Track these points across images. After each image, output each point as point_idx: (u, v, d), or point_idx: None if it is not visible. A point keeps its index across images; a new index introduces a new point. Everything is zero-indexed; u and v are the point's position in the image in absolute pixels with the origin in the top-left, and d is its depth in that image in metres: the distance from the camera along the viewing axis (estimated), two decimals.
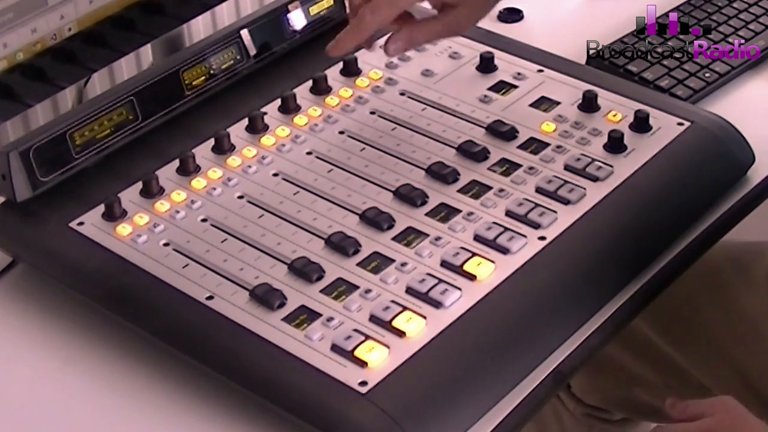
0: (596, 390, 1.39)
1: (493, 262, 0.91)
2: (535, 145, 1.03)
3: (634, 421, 1.46)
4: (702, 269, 1.08)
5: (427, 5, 1.00)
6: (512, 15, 1.31)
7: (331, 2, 1.17)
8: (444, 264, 0.91)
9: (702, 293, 1.25)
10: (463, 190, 0.98)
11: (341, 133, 1.05)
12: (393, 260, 0.91)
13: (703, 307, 1.25)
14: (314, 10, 1.16)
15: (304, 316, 0.87)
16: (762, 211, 1.06)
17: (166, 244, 0.94)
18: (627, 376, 1.33)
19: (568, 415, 1.43)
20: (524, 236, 0.93)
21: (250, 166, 1.01)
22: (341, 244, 0.92)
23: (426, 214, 0.96)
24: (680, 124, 1.05)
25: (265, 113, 1.06)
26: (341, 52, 1.00)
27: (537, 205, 0.96)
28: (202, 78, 1.07)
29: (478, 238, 0.93)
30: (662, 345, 1.28)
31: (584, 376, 1.37)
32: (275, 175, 1.01)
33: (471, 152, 1.01)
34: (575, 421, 1.43)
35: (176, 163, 1.01)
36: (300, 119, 1.06)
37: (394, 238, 0.93)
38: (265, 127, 1.05)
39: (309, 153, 1.03)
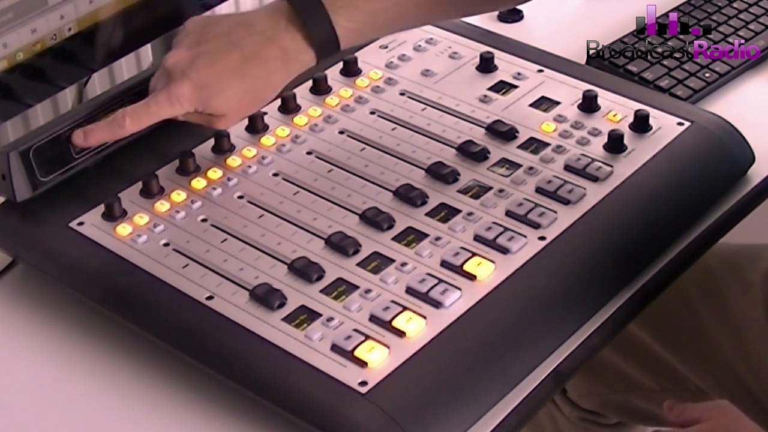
0: (592, 394, 1.39)
1: (493, 262, 0.91)
2: (535, 145, 1.03)
3: (629, 426, 1.46)
4: (697, 272, 1.08)
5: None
6: (512, 15, 1.31)
7: None
8: (444, 264, 0.91)
9: (697, 297, 1.25)
10: (463, 190, 0.98)
11: (341, 133, 1.05)
12: (393, 260, 0.91)
13: (699, 310, 1.25)
14: None
15: (304, 316, 0.87)
16: (757, 214, 1.06)
17: (166, 244, 0.94)
18: (623, 381, 1.33)
19: (564, 419, 1.43)
20: (524, 236, 0.93)
21: (250, 166, 1.01)
22: (341, 244, 0.92)
23: (426, 214, 0.96)
24: (680, 124, 1.05)
25: (265, 113, 1.06)
26: (85, 145, 0.98)
27: (537, 205, 0.96)
28: None
29: (478, 238, 0.93)
30: (658, 349, 1.28)
31: (580, 381, 1.37)
32: (275, 175, 1.01)
33: (471, 152, 1.01)
34: (571, 425, 1.43)
35: (176, 163, 1.01)
36: (300, 119, 1.06)
37: (394, 238, 0.93)
38: (265, 127, 1.05)
39: (309, 153, 1.03)
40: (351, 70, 1.12)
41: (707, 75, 1.18)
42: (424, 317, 0.86)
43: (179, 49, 0.96)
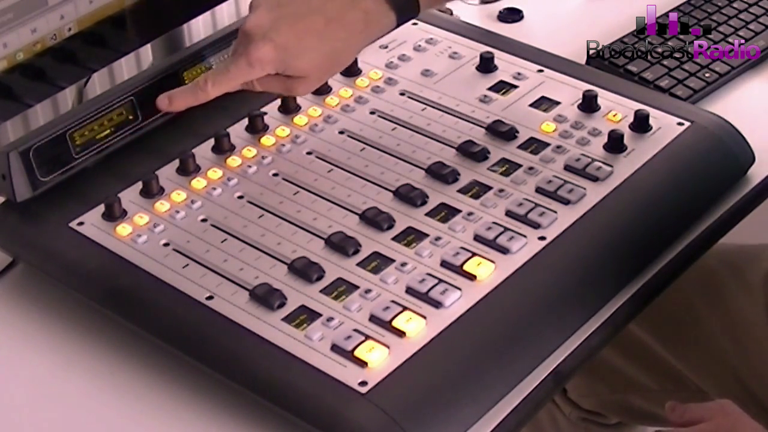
0: (592, 394, 1.39)
1: (493, 262, 0.91)
2: (535, 145, 1.03)
3: (630, 426, 1.46)
4: (698, 273, 1.08)
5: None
6: (512, 15, 1.31)
7: None
8: (444, 264, 0.91)
9: (698, 297, 1.25)
10: (463, 190, 0.98)
11: (341, 133, 1.05)
12: (393, 260, 0.91)
13: (699, 311, 1.25)
14: None
15: (304, 316, 0.87)
16: (757, 214, 1.06)
17: (166, 244, 0.94)
18: (623, 381, 1.33)
19: (564, 419, 1.43)
20: (524, 236, 0.93)
21: (250, 166, 1.01)
22: (341, 244, 0.92)
23: (426, 214, 0.96)
24: (680, 124, 1.05)
25: (265, 113, 1.06)
26: (170, 109, 0.99)
27: (537, 205, 0.96)
28: None
29: (478, 238, 0.93)
30: (658, 349, 1.28)
31: (580, 381, 1.37)
32: (275, 175, 1.01)
33: (471, 152, 1.01)
34: (571, 425, 1.43)
35: (176, 163, 1.01)
36: (300, 119, 1.06)
37: (394, 238, 0.93)
38: (265, 127, 1.05)
39: (309, 153, 1.03)
40: (351, 70, 1.12)
41: (707, 75, 1.18)
42: (424, 317, 0.86)
43: (258, 11, 0.95)
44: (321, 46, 0.95)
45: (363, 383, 0.82)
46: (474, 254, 0.91)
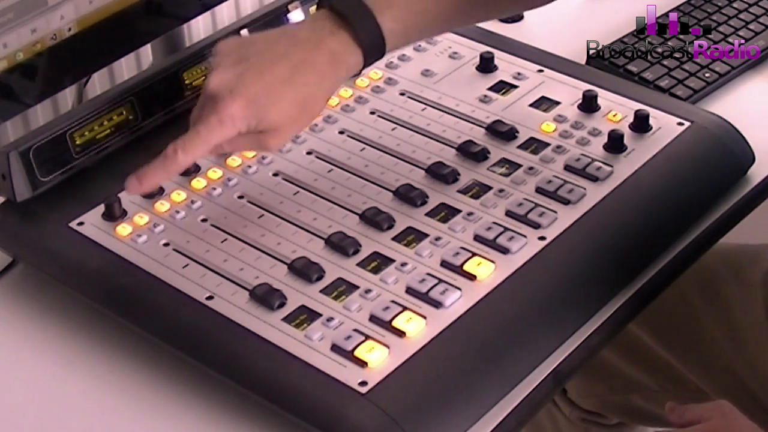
0: (592, 395, 1.39)
1: (493, 262, 0.91)
2: (535, 145, 1.03)
3: (629, 426, 1.46)
4: (697, 273, 1.08)
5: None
6: (512, 15, 1.31)
7: None
8: (444, 264, 0.91)
9: (697, 297, 1.25)
10: (463, 190, 0.98)
11: (341, 133, 1.05)
12: (393, 260, 0.91)
13: (699, 311, 1.25)
14: (314, 9, 1.16)
15: (304, 316, 0.87)
16: (757, 214, 1.06)
17: (166, 244, 0.94)
18: (623, 381, 1.33)
19: (564, 419, 1.43)
20: (524, 236, 0.93)
21: (249, 166, 1.01)
22: (341, 244, 0.92)
23: (426, 214, 0.96)
24: (680, 124, 1.05)
25: None
26: (142, 190, 0.92)
27: (537, 205, 0.96)
28: (202, 78, 1.07)
29: (478, 238, 0.93)
30: (658, 349, 1.28)
31: (580, 381, 1.37)
32: (275, 175, 1.01)
33: (471, 152, 1.01)
34: (571, 425, 1.43)
35: None
36: None
37: (394, 238, 0.93)
38: None
39: (309, 153, 1.03)
40: None
41: (707, 75, 1.18)
42: (424, 317, 0.86)
43: (220, 69, 0.91)
44: (291, 94, 0.90)
45: (363, 383, 0.82)
46: (474, 254, 0.91)
